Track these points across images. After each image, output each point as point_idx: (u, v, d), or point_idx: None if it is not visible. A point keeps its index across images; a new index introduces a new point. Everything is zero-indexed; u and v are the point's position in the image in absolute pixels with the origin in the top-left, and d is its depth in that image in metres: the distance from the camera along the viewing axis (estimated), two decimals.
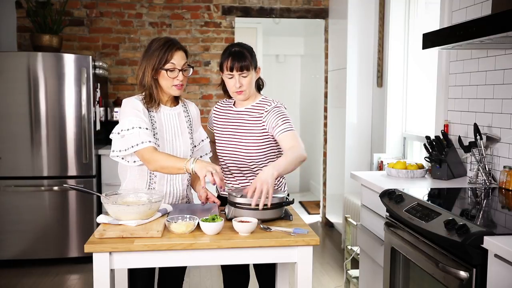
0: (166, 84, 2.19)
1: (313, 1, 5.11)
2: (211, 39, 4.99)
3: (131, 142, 2.10)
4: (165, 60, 2.15)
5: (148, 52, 2.18)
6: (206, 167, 2.00)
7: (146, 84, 2.17)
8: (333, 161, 4.98)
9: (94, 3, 4.82)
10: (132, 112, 2.15)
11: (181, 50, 2.20)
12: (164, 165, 2.06)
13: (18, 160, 3.95)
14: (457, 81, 2.97)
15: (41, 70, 3.93)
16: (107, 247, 1.74)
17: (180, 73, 2.18)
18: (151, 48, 2.18)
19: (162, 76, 2.17)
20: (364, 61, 4.48)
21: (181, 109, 2.33)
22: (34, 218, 3.99)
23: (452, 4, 2.99)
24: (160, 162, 2.06)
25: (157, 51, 2.15)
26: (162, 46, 2.16)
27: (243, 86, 2.27)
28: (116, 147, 2.19)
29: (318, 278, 3.80)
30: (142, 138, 2.09)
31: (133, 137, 2.10)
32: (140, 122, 2.12)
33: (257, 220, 1.90)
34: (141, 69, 2.18)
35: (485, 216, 2.05)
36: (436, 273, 1.92)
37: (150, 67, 2.15)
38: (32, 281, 3.73)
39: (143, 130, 2.10)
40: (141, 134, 2.10)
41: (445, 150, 2.73)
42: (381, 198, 2.41)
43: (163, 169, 2.08)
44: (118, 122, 2.21)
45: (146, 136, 2.10)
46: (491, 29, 1.91)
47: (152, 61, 2.15)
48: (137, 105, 2.18)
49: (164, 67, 2.15)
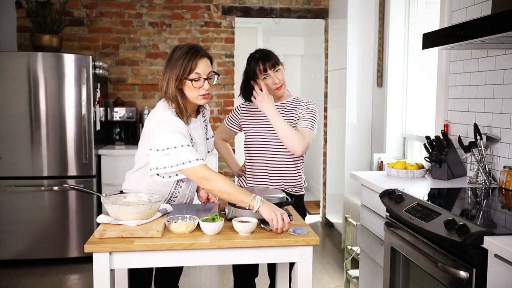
0: (192, 94, 2.07)
1: (313, 1, 5.11)
2: (211, 39, 4.99)
3: (182, 159, 1.96)
4: (189, 69, 2.03)
5: (171, 61, 2.05)
6: (274, 211, 1.87)
7: (171, 95, 2.05)
8: (333, 161, 4.98)
9: (94, 3, 4.82)
10: (176, 130, 2.00)
11: (206, 58, 2.08)
12: (224, 190, 1.94)
13: (18, 160, 3.95)
14: (457, 81, 2.97)
15: (41, 70, 3.93)
16: (107, 247, 1.74)
17: (206, 82, 2.06)
18: (173, 57, 2.06)
19: (187, 86, 2.05)
20: (364, 61, 4.48)
21: (200, 115, 2.27)
22: (34, 218, 3.99)
23: (452, 4, 2.99)
24: (219, 184, 1.94)
25: (180, 60, 2.03)
26: (186, 54, 2.03)
27: (280, 80, 2.46)
28: (160, 164, 2.00)
29: (318, 278, 3.80)
30: (193, 156, 1.97)
31: (184, 155, 1.96)
32: (187, 140, 2.00)
33: (257, 220, 1.90)
34: (164, 80, 2.06)
35: (485, 216, 2.05)
36: (436, 273, 1.92)
37: (174, 77, 2.03)
38: (32, 281, 3.73)
39: (191, 147, 1.99)
40: (192, 151, 1.98)
41: (445, 150, 2.73)
42: (381, 198, 2.41)
43: (222, 193, 1.95)
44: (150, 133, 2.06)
45: (196, 153, 1.99)
46: (491, 29, 1.91)
47: (176, 70, 2.03)
48: (178, 122, 2.03)
49: (188, 77, 2.04)
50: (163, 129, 2.00)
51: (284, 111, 2.50)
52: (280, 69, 2.47)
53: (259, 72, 2.43)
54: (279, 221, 1.84)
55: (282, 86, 2.47)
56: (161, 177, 2.06)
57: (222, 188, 1.94)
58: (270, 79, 2.44)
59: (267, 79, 2.44)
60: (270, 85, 2.45)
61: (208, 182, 1.96)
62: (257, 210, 1.88)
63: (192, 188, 2.30)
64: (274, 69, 2.44)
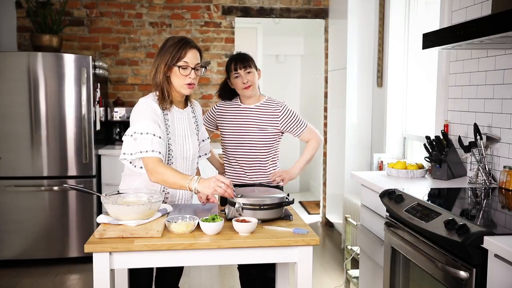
0: (178, 82, 2.17)
1: (313, 1, 5.11)
2: (211, 39, 4.99)
3: (142, 147, 2.06)
4: (178, 57, 2.14)
5: (163, 49, 2.18)
6: (210, 186, 1.97)
7: (159, 80, 2.16)
8: (333, 161, 4.98)
9: (94, 3, 4.82)
10: (150, 117, 2.10)
11: (195, 49, 2.20)
12: (167, 180, 2.03)
13: (18, 160, 3.95)
14: (457, 81, 2.97)
15: (41, 70, 3.93)
16: (107, 247, 1.74)
17: (192, 72, 2.17)
18: (165, 45, 2.18)
19: (174, 73, 2.16)
20: (364, 61, 4.48)
21: (189, 110, 2.34)
22: (34, 218, 3.99)
23: (452, 4, 2.99)
24: (163, 176, 2.03)
25: (171, 48, 2.15)
26: (177, 43, 2.16)
27: (249, 81, 2.65)
28: (127, 150, 2.12)
29: (318, 278, 3.80)
30: (153, 147, 2.05)
31: (145, 143, 2.05)
32: (155, 129, 2.09)
33: (257, 220, 1.90)
34: (154, 66, 2.18)
35: (485, 216, 2.05)
36: (436, 273, 1.92)
37: (163, 63, 2.15)
38: (32, 281, 3.73)
39: (156, 138, 2.07)
40: (153, 142, 2.06)
41: (445, 150, 2.73)
42: (381, 198, 2.41)
43: (165, 183, 2.05)
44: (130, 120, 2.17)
45: (157, 145, 2.06)
46: (491, 29, 1.91)
47: (166, 57, 2.15)
48: (155, 108, 2.14)
49: (177, 64, 2.15)
50: (139, 115, 2.12)
51: (260, 112, 2.71)
52: (252, 72, 2.66)
53: (231, 70, 2.66)
54: (218, 190, 1.96)
55: (250, 87, 2.66)
56: (133, 166, 2.16)
57: (166, 179, 2.03)
58: (240, 78, 2.64)
59: (238, 78, 2.65)
60: (239, 85, 2.66)
61: (153, 175, 2.06)
62: (197, 191, 2.02)
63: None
64: (245, 70, 2.64)
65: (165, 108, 2.18)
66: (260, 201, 1.98)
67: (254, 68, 2.68)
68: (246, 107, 2.73)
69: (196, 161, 2.38)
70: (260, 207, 1.98)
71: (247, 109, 2.72)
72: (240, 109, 2.74)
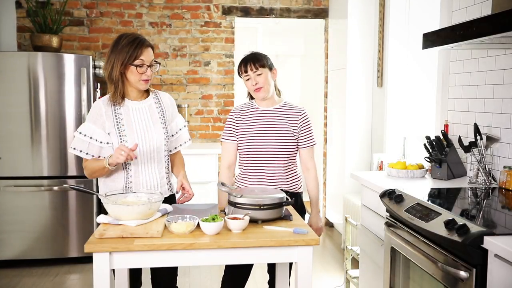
0: (134, 79, 2.26)
1: (313, 1, 5.11)
2: (211, 39, 4.99)
3: (73, 143, 2.26)
4: (134, 56, 2.22)
5: (117, 47, 2.23)
6: (115, 156, 2.12)
7: (114, 78, 2.24)
8: (333, 161, 4.98)
9: (94, 3, 4.82)
10: (92, 118, 2.27)
11: (150, 47, 2.30)
12: (92, 169, 2.24)
13: (18, 160, 3.95)
14: (457, 81, 2.97)
15: (41, 70, 3.93)
16: (107, 247, 1.74)
17: (148, 69, 2.27)
18: (119, 43, 2.24)
19: (130, 71, 2.24)
20: (364, 61, 4.48)
21: (152, 100, 2.40)
22: (34, 218, 3.99)
23: (452, 4, 2.99)
24: (89, 170, 2.25)
25: (127, 47, 2.22)
26: (132, 42, 2.23)
27: (259, 83, 2.48)
28: (72, 144, 2.30)
29: (318, 278, 3.80)
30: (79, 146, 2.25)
31: (75, 140, 2.26)
32: (92, 130, 2.25)
33: (249, 217, 1.91)
34: (109, 64, 2.24)
35: (485, 216, 2.05)
36: (436, 273, 1.92)
37: (119, 62, 2.21)
38: (32, 281, 3.73)
39: (86, 138, 2.24)
40: (81, 142, 2.25)
41: (445, 150, 2.73)
42: (381, 198, 2.41)
43: (93, 173, 2.25)
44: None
45: (86, 146, 2.25)
46: (491, 29, 1.91)
47: (122, 56, 2.21)
48: (99, 108, 2.28)
49: (133, 63, 2.22)
50: (88, 115, 2.32)
51: (277, 117, 2.55)
52: (263, 73, 2.48)
53: (242, 72, 2.52)
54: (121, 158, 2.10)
55: (261, 90, 2.50)
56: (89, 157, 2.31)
57: (92, 169, 2.24)
58: (250, 80, 2.50)
59: (248, 80, 2.51)
60: (250, 87, 2.53)
61: (84, 170, 2.28)
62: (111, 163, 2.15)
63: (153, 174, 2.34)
64: (255, 71, 2.47)
65: (118, 103, 2.28)
66: (260, 201, 1.98)
67: (267, 67, 2.50)
68: (264, 110, 2.57)
69: (166, 152, 2.39)
70: (260, 207, 1.98)
71: (266, 112, 2.56)
72: (258, 112, 2.57)
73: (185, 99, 4.99)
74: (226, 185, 2.19)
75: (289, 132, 2.53)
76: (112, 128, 2.25)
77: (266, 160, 2.51)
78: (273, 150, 2.50)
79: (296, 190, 2.60)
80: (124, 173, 2.29)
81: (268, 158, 2.51)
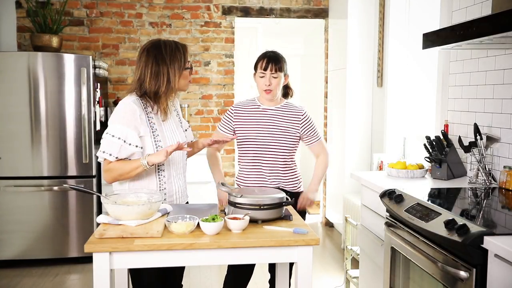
0: (185, 82, 2.25)
1: (313, 1, 5.11)
2: (211, 39, 4.99)
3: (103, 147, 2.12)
4: (184, 60, 2.20)
5: (165, 56, 2.15)
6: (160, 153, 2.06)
7: (174, 86, 2.17)
8: (333, 161, 4.98)
9: (94, 3, 4.82)
10: (125, 121, 2.10)
11: None
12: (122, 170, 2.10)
13: (18, 160, 3.95)
14: (457, 81, 2.97)
15: (41, 70, 3.93)
16: (107, 247, 1.74)
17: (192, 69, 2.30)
18: (165, 53, 2.15)
19: (183, 76, 2.22)
20: (364, 61, 4.48)
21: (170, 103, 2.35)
22: (34, 218, 3.99)
23: (452, 4, 2.99)
24: (117, 171, 2.11)
25: (177, 54, 2.18)
26: (177, 48, 2.19)
27: (271, 85, 2.53)
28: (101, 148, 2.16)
29: (318, 278, 3.80)
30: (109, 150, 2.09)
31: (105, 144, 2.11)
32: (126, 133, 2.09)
33: (249, 217, 1.91)
34: (164, 76, 2.14)
35: (485, 216, 2.05)
36: (436, 273, 1.92)
37: (175, 69, 2.16)
38: (32, 281, 3.73)
39: (119, 142, 2.09)
40: (113, 145, 2.09)
41: (445, 150, 2.73)
42: (381, 198, 2.41)
43: (121, 175, 2.11)
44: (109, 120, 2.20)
45: (117, 150, 2.09)
46: (491, 29, 1.91)
47: (177, 63, 2.17)
48: (134, 110, 2.12)
49: (186, 67, 2.22)
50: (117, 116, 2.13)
51: (282, 114, 2.60)
52: (278, 77, 2.54)
53: (260, 67, 2.54)
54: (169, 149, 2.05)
55: (270, 92, 2.54)
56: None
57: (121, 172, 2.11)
58: (264, 79, 2.53)
59: (262, 77, 2.54)
60: (261, 85, 2.55)
61: (105, 174, 2.14)
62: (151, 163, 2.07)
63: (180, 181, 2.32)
64: (273, 73, 2.52)
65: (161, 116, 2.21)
66: (260, 201, 1.98)
67: (282, 72, 2.56)
68: (266, 108, 2.61)
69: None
70: (260, 207, 1.98)
71: (268, 111, 2.61)
72: (260, 110, 2.62)
73: (185, 99, 4.99)
74: (226, 185, 2.19)
75: (289, 131, 2.59)
76: (148, 133, 2.15)
77: (265, 156, 2.57)
78: (272, 147, 2.56)
79: (296, 190, 2.63)
80: (156, 178, 2.23)
81: (266, 154, 2.57)
